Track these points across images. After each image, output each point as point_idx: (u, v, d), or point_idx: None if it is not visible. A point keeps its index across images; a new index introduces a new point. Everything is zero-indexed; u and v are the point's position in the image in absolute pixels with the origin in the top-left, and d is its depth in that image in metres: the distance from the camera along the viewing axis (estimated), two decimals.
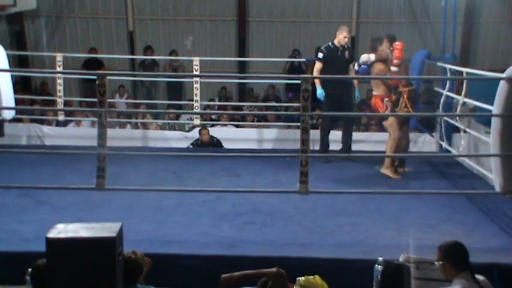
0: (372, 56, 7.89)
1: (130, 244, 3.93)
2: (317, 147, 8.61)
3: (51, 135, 10.59)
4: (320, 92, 8.38)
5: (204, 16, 14.19)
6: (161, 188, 6.59)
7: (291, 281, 3.70)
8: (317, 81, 8.43)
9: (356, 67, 8.19)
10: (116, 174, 6.25)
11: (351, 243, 5.36)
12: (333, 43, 8.62)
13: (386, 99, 7.74)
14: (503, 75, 5.46)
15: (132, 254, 3.87)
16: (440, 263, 3.79)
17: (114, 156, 6.10)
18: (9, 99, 7.89)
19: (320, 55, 8.58)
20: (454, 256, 3.76)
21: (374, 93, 7.92)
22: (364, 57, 7.97)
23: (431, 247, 3.93)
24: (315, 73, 8.56)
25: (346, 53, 8.62)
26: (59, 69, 9.84)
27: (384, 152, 7.89)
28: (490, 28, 13.87)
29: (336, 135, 8.99)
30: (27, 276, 3.72)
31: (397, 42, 7.69)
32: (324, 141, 8.71)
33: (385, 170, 7.79)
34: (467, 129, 8.41)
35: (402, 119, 7.82)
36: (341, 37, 8.59)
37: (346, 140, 8.75)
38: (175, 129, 11.10)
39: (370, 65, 7.92)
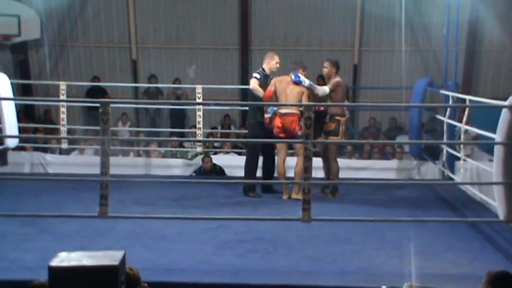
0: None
1: None
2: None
3: (54, 163, 10.61)
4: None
5: (206, 44, 14.28)
6: (164, 215, 6.60)
7: None
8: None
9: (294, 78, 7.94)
10: (118, 202, 6.27)
11: (354, 271, 5.33)
12: (263, 69, 8.28)
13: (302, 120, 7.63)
14: (506, 103, 5.47)
15: (130, 270, 3.85)
16: (485, 286, 3.79)
17: (116, 184, 6.11)
18: (12, 127, 7.92)
19: (257, 75, 8.12)
20: (501, 284, 3.76)
21: (291, 111, 7.77)
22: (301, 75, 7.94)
23: (434, 275, 3.91)
24: (256, 86, 8.09)
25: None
26: (62, 97, 9.89)
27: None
28: (492, 56, 13.90)
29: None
30: None
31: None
32: (251, 170, 8.19)
33: (298, 195, 7.36)
34: (469, 158, 8.41)
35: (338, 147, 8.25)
36: (273, 63, 8.26)
37: (267, 170, 8.37)
38: (177, 157, 11.11)
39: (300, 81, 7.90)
